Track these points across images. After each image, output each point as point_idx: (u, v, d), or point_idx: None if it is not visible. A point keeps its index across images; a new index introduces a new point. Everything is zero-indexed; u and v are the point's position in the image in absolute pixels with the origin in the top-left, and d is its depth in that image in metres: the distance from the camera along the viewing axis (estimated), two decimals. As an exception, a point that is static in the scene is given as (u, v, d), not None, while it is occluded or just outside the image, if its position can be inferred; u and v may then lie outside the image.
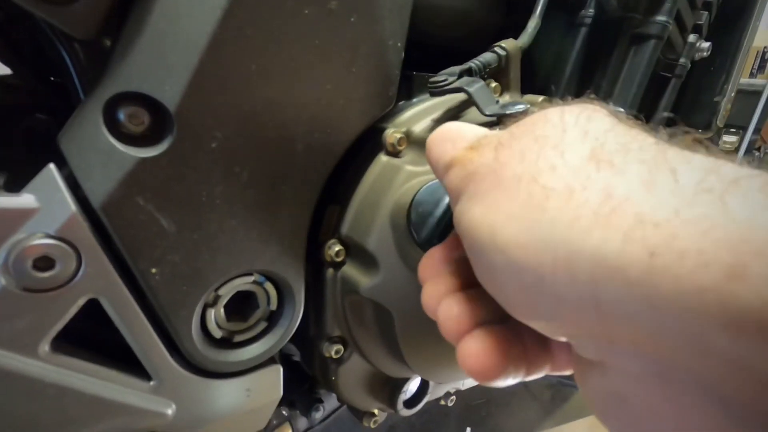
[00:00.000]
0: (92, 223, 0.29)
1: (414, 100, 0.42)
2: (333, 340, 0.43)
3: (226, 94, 0.29)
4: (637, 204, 0.13)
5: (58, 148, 0.28)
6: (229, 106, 0.30)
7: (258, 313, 0.39)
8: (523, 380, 0.21)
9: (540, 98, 0.41)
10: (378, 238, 0.36)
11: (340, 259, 0.39)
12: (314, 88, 0.32)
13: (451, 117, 0.39)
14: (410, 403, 0.50)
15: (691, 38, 0.53)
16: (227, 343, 0.38)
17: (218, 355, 0.37)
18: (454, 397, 0.59)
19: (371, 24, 0.33)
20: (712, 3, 0.55)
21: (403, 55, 0.36)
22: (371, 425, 0.52)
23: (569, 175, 0.16)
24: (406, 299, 0.36)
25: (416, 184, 0.35)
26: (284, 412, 0.54)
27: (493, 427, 1.04)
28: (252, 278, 0.37)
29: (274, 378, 0.42)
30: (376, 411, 0.52)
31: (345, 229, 0.38)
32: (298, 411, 0.55)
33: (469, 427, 1.00)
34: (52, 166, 0.27)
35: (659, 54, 0.49)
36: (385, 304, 0.37)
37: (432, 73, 0.39)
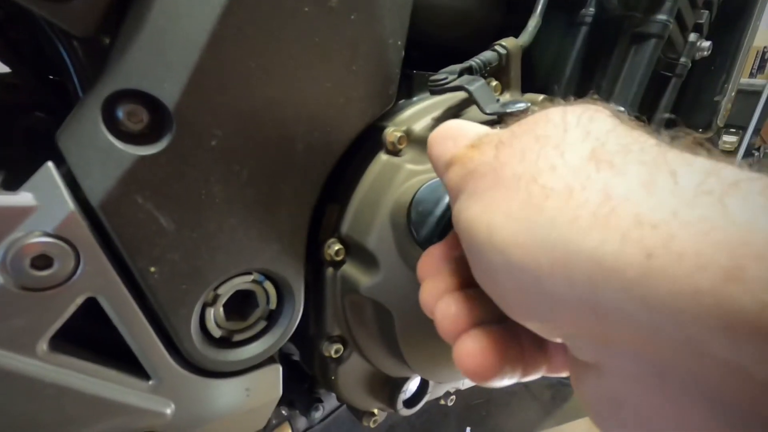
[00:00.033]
0: (91, 222, 0.29)
1: (414, 99, 0.42)
2: (333, 340, 0.43)
3: (226, 92, 0.29)
4: (636, 205, 0.13)
5: (57, 146, 0.27)
6: (229, 104, 0.29)
7: (257, 313, 0.38)
8: (519, 381, 0.21)
9: (540, 97, 0.41)
10: (378, 237, 0.36)
11: (340, 258, 0.38)
12: (314, 87, 0.32)
13: (452, 115, 0.39)
14: (410, 403, 0.50)
15: (692, 37, 0.53)
16: (226, 343, 0.38)
17: (217, 355, 0.37)
18: (454, 397, 0.59)
19: (371, 22, 0.33)
20: (713, 2, 0.54)
21: (404, 54, 0.36)
22: (371, 425, 0.52)
23: (569, 175, 0.16)
24: (406, 299, 0.36)
25: (416, 183, 0.35)
26: (284, 412, 0.54)
27: (493, 427, 1.04)
28: (251, 277, 0.37)
29: (274, 377, 0.41)
30: (376, 411, 0.52)
31: (345, 228, 0.38)
32: (298, 410, 0.55)
33: (469, 427, 1.00)
34: (50, 164, 0.27)
35: (660, 53, 0.49)
36: (385, 304, 0.36)
37: (432, 72, 0.39)
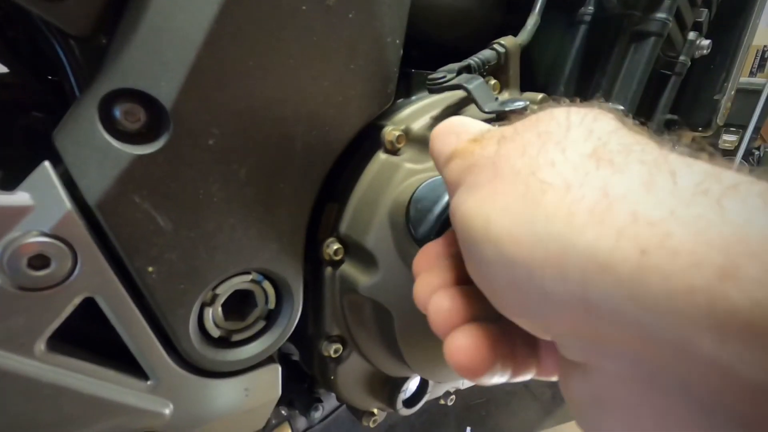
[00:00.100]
0: (88, 221, 0.28)
1: (413, 98, 0.42)
2: (332, 339, 0.42)
3: (223, 91, 0.29)
4: (634, 203, 0.13)
5: (54, 146, 0.27)
6: (226, 103, 0.29)
7: (256, 312, 0.38)
8: (509, 381, 0.21)
9: (539, 96, 0.40)
10: (377, 237, 0.36)
11: (339, 258, 0.38)
12: (312, 85, 0.32)
13: (450, 114, 0.39)
14: (410, 403, 0.50)
15: (691, 36, 0.53)
16: (225, 342, 0.38)
17: (216, 355, 0.37)
18: (454, 397, 0.59)
19: (370, 20, 0.33)
20: (712, 0, 0.54)
21: (402, 53, 0.36)
22: (370, 425, 0.52)
23: (568, 172, 0.16)
24: (405, 298, 0.36)
25: (415, 182, 0.35)
26: (283, 412, 0.54)
27: (493, 427, 1.04)
28: (250, 277, 0.36)
29: (273, 377, 0.41)
30: (376, 410, 0.52)
31: (344, 228, 0.38)
32: (297, 410, 0.55)
33: (469, 427, 1.00)
34: (47, 164, 0.27)
35: (659, 51, 0.49)
36: (384, 303, 0.36)
37: (431, 71, 0.39)
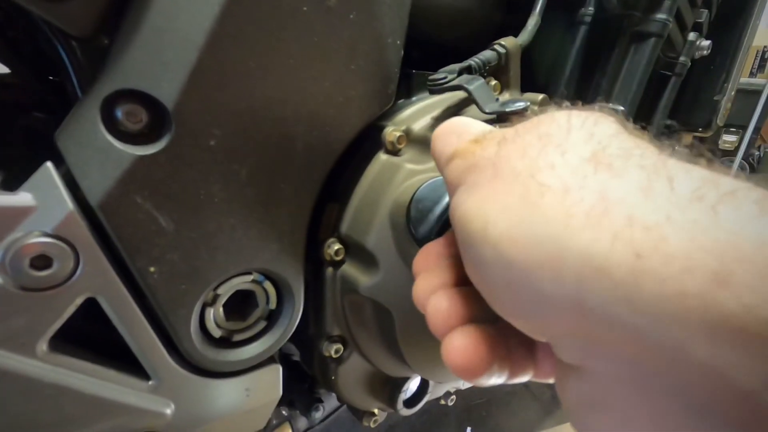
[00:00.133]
0: (90, 222, 0.29)
1: (413, 98, 0.42)
2: (332, 340, 0.42)
3: (225, 92, 0.29)
4: (631, 207, 0.13)
5: (56, 146, 0.27)
6: (228, 104, 0.29)
7: (257, 313, 0.38)
8: (506, 382, 0.21)
9: (540, 96, 0.41)
10: (377, 237, 0.36)
11: (340, 258, 0.38)
12: (313, 86, 0.32)
13: (451, 115, 0.39)
14: (410, 403, 0.50)
15: (691, 36, 0.53)
16: (226, 343, 0.38)
17: (217, 355, 0.37)
18: (454, 397, 0.59)
19: (370, 21, 0.33)
20: (712, 1, 0.55)
21: (403, 53, 0.36)
22: (371, 425, 0.52)
23: (567, 174, 0.16)
24: (406, 298, 0.36)
25: (416, 182, 0.35)
26: (284, 412, 0.54)
27: (493, 427, 1.04)
28: (251, 277, 0.37)
29: (274, 377, 0.41)
30: (376, 410, 0.52)
31: (344, 228, 0.38)
32: (298, 411, 0.55)
33: (469, 427, 1.00)
34: (49, 164, 0.27)
35: (659, 52, 0.49)
36: (385, 304, 0.36)
37: (431, 71, 0.39)
